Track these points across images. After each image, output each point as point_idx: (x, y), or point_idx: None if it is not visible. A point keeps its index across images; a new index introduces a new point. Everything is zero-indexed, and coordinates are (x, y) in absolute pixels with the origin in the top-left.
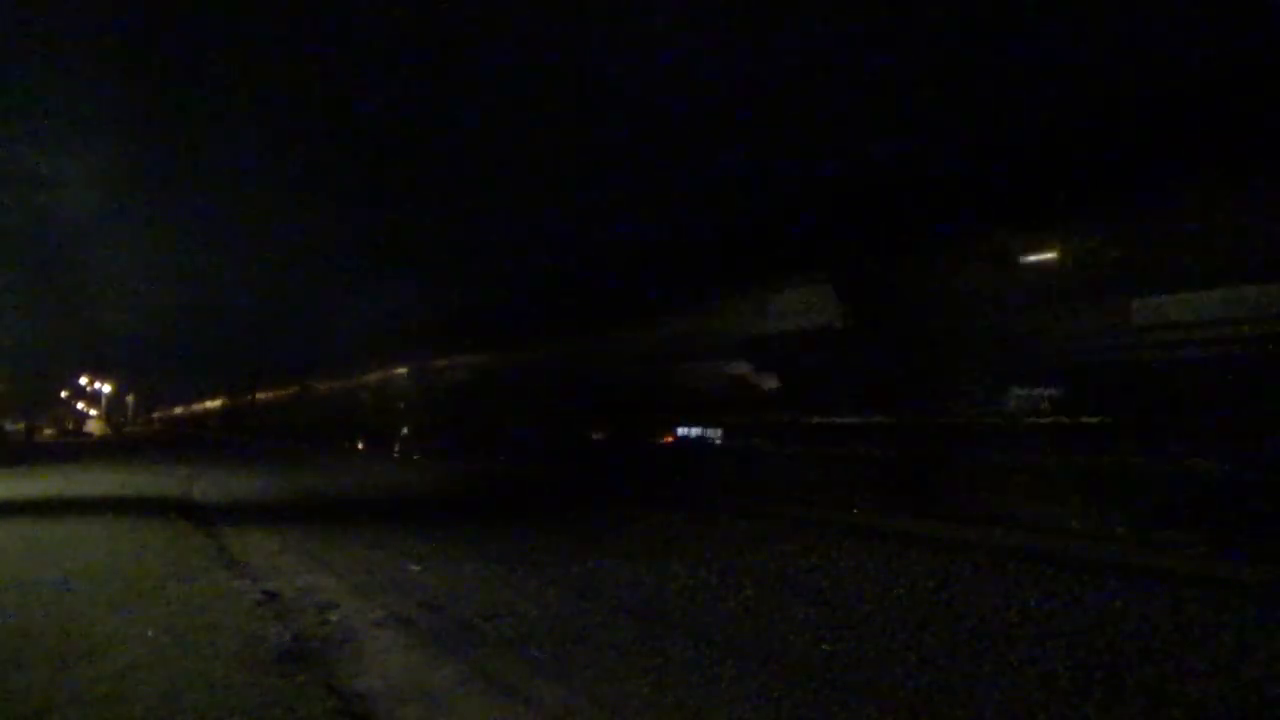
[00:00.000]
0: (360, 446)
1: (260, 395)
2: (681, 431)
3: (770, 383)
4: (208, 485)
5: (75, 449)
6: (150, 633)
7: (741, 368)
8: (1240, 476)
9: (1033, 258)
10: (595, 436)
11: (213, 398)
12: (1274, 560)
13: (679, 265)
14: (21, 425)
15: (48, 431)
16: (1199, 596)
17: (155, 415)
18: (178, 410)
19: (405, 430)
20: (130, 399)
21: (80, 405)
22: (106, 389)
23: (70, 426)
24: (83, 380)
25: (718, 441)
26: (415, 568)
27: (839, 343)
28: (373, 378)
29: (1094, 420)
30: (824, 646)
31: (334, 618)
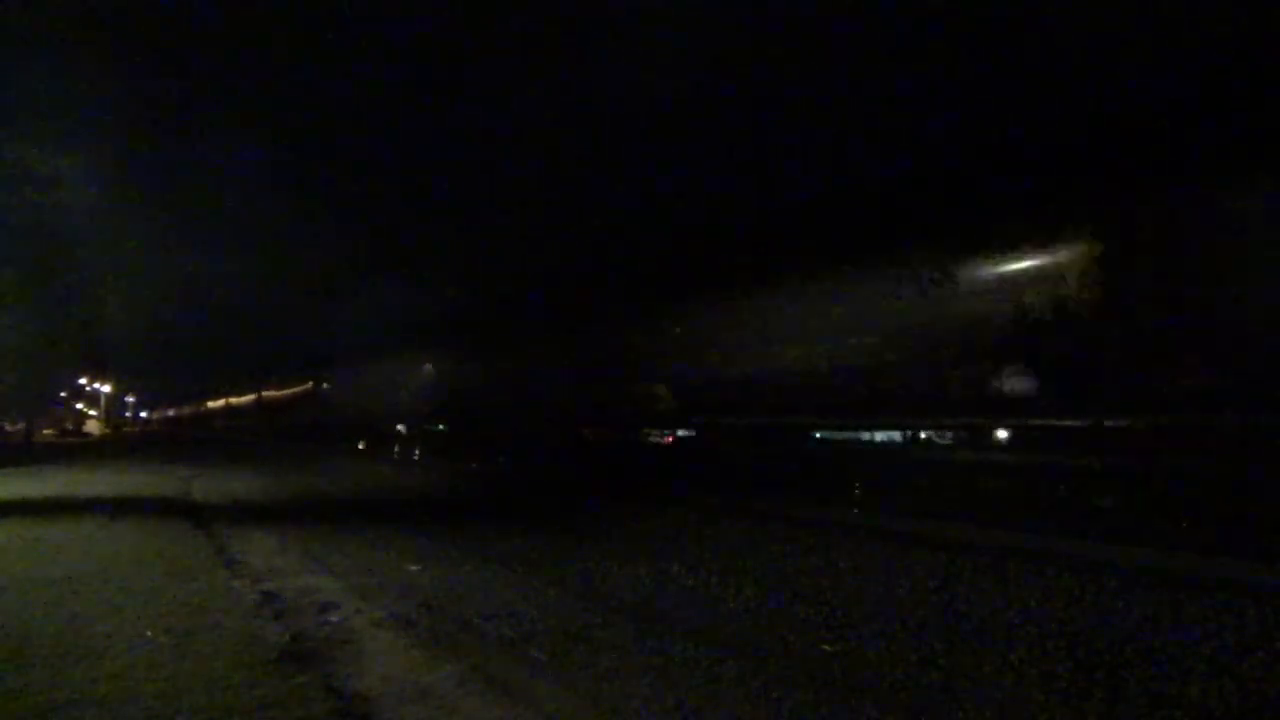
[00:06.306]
0: (360, 447)
1: (257, 396)
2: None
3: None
4: (207, 485)
5: (75, 449)
6: (149, 633)
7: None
8: None
9: None
10: (594, 436)
11: (213, 399)
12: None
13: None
14: (21, 425)
15: (47, 431)
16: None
17: (154, 415)
18: (176, 410)
19: (405, 430)
20: (130, 399)
21: (80, 405)
22: (106, 389)
23: (70, 426)
24: (83, 380)
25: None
26: (415, 568)
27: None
28: (371, 378)
29: None
30: (824, 647)
31: (334, 618)
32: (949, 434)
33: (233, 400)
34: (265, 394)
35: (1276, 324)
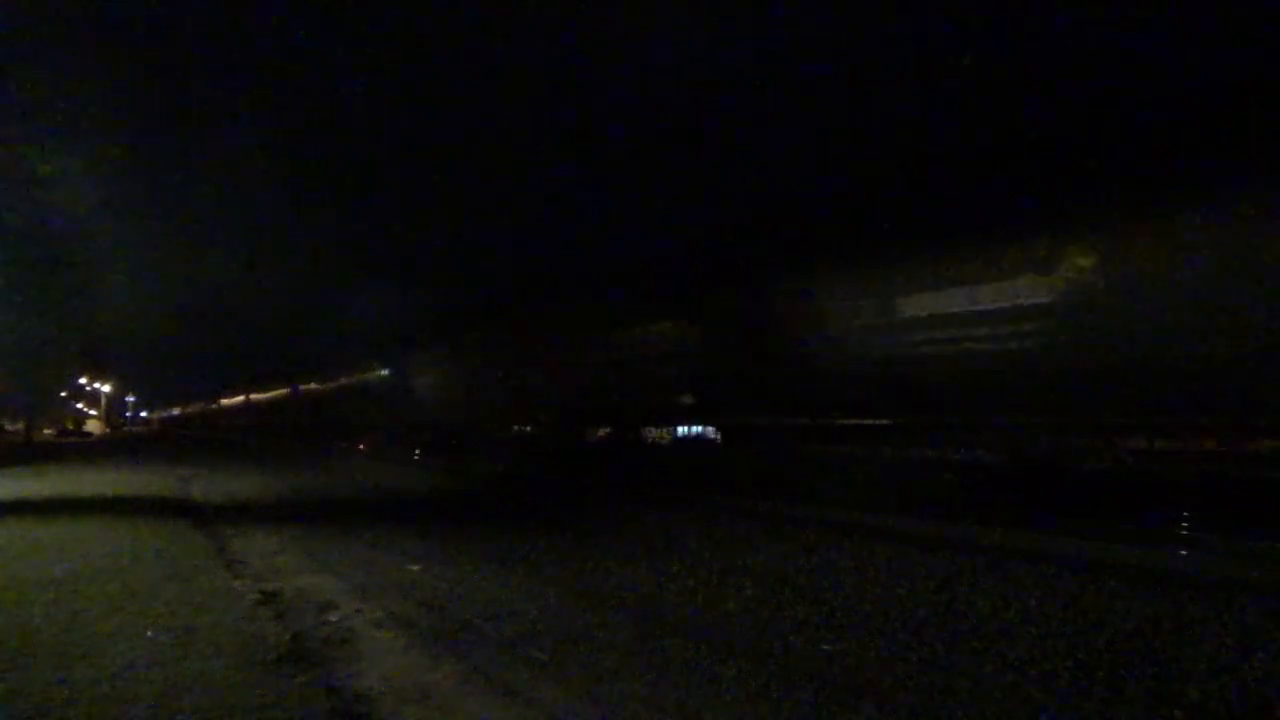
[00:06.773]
0: (360, 448)
1: (258, 396)
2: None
3: None
4: (207, 485)
5: (75, 449)
6: (150, 633)
7: None
8: None
9: None
10: (595, 434)
11: (223, 397)
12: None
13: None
14: (22, 425)
15: (47, 431)
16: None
17: (154, 415)
18: (180, 410)
19: (404, 431)
20: (130, 399)
21: (80, 405)
22: (106, 389)
23: (70, 426)
24: (83, 380)
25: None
26: (415, 568)
27: None
28: (372, 378)
29: None
30: (824, 646)
31: (334, 618)
32: None
33: (254, 397)
34: (263, 395)
35: None
